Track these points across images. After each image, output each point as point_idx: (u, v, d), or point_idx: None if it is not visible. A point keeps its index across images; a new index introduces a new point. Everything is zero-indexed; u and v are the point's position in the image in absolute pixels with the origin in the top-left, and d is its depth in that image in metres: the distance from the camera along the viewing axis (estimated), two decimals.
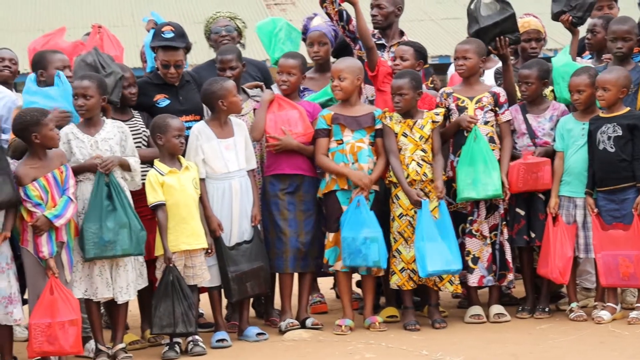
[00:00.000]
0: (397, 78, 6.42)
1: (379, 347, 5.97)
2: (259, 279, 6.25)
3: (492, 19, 6.72)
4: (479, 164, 6.34)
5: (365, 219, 6.25)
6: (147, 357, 6.01)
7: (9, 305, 5.51)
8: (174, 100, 6.49)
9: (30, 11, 17.90)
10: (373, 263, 6.24)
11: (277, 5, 18.17)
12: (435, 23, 17.50)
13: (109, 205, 5.70)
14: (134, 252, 5.77)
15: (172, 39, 6.42)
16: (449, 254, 6.23)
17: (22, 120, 5.60)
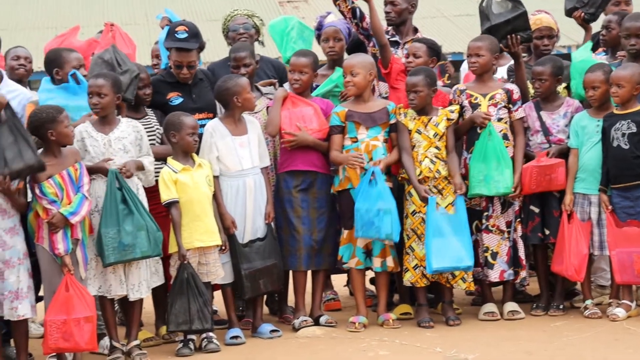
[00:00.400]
0: (412, 75, 6.41)
1: (392, 344, 5.97)
2: (272, 276, 6.26)
3: (503, 16, 6.71)
4: (492, 161, 6.33)
5: (380, 191, 6.24)
6: (161, 354, 6.03)
7: (15, 300, 5.54)
8: (186, 98, 6.50)
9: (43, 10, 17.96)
10: (385, 235, 6.23)
11: (289, 3, 18.16)
12: (448, 20, 17.46)
13: (125, 209, 5.72)
14: (153, 254, 5.79)
15: (185, 40, 6.42)
16: (461, 251, 6.22)
17: (38, 117, 5.63)
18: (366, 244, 6.41)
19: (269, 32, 7.16)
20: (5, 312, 5.53)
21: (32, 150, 5.47)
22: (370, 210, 6.21)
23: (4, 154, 5.40)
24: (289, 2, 18.21)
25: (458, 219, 6.29)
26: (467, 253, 6.24)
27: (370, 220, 6.22)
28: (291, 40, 6.94)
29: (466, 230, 6.30)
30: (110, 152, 5.87)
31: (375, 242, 6.39)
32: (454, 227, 6.26)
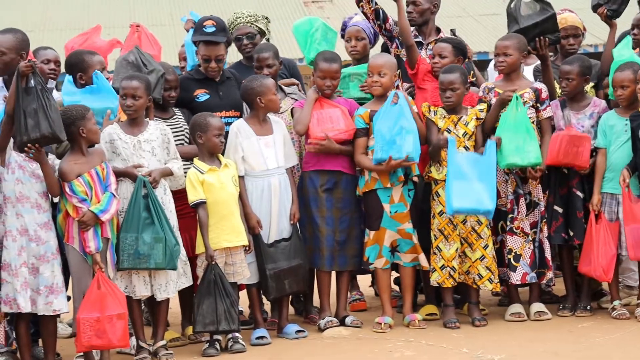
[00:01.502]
0: (447, 73, 6.36)
1: (418, 344, 5.96)
2: (297, 276, 6.26)
3: (532, 19, 6.67)
4: (522, 132, 6.28)
5: (403, 111, 6.24)
6: (187, 354, 6.04)
7: (50, 295, 5.58)
8: (213, 95, 6.53)
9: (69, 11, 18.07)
10: (406, 153, 6.20)
11: (314, 3, 18.17)
12: (473, 19, 17.41)
13: (147, 218, 5.74)
14: (167, 267, 5.81)
15: (213, 34, 6.45)
16: (483, 194, 6.15)
17: (69, 115, 5.67)
18: (392, 242, 6.39)
19: (293, 32, 7.15)
20: (40, 308, 5.56)
21: (50, 121, 5.45)
22: (392, 128, 6.20)
23: (25, 120, 5.42)
24: (313, 2, 18.22)
25: (486, 163, 6.23)
26: (489, 197, 6.17)
27: (392, 139, 6.20)
28: (315, 42, 6.94)
29: (492, 175, 6.22)
30: (139, 153, 5.90)
31: (401, 241, 6.37)
32: (479, 171, 6.19)
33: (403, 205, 6.37)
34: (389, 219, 6.37)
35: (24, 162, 5.58)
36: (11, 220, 5.54)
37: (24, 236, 5.53)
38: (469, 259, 6.38)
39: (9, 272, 5.51)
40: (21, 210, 5.54)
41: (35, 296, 5.54)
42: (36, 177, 5.61)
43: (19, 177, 5.54)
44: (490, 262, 6.35)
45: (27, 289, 5.48)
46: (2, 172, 5.56)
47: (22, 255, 5.51)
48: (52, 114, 5.47)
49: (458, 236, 6.35)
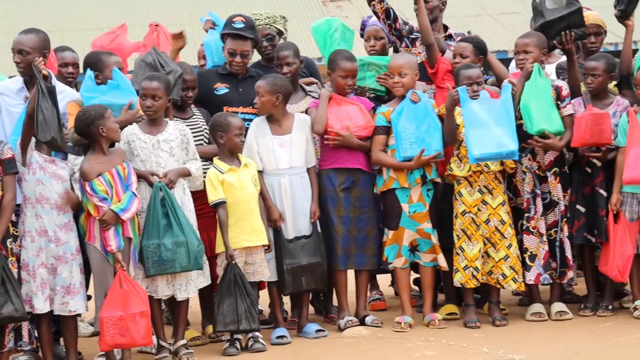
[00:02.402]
0: (470, 69, 6.34)
1: (439, 344, 5.95)
2: (315, 274, 6.25)
3: (558, 12, 6.62)
4: (546, 100, 6.28)
5: (428, 109, 6.28)
6: (208, 353, 6.05)
7: (66, 295, 5.60)
8: (233, 89, 6.56)
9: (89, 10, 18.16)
10: (435, 151, 6.23)
11: (332, 2, 18.17)
12: (492, 18, 17.35)
13: (167, 224, 5.76)
14: (192, 268, 5.83)
15: (242, 29, 6.51)
16: (503, 137, 6.14)
17: (88, 115, 5.69)
18: (411, 242, 6.38)
19: (312, 33, 7.15)
20: (55, 307, 5.59)
21: (43, 129, 5.46)
22: (420, 126, 6.22)
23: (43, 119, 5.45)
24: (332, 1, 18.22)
25: (502, 107, 6.22)
26: (510, 138, 6.16)
27: (421, 136, 6.22)
28: (334, 42, 6.93)
29: (510, 118, 6.20)
30: (157, 153, 5.91)
31: (421, 240, 6.37)
32: (496, 115, 6.18)
33: (422, 205, 6.36)
34: (408, 218, 6.36)
35: (45, 162, 5.60)
36: (30, 220, 5.57)
37: (43, 237, 5.56)
38: (492, 259, 6.35)
39: (27, 272, 5.54)
40: (40, 212, 5.57)
41: (52, 295, 5.56)
42: (57, 178, 5.63)
43: (40, 177, 5.57)
44: (514, 261, 6.32)
45: (44, 290, 5.50)
46: (24, 172, 5.59)
47: (41, 256, 5.53)
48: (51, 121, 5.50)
49: (481, 236, 6.33)
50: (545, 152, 6.43)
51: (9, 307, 5.36)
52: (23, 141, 5.56)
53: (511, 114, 6.22)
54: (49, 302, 5.52)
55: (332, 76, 6.50)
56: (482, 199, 6.33)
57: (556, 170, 6.43)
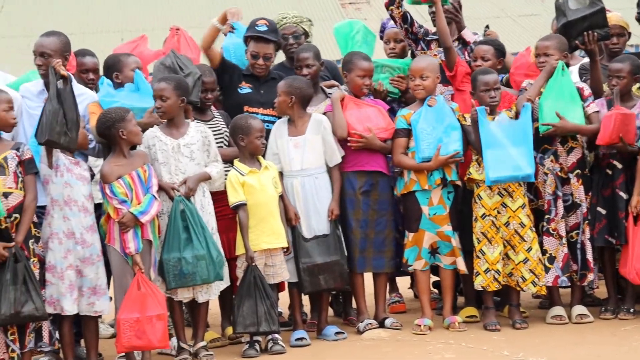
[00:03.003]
0: (489, 74, 6.34)
1: (459, 347, 5.93)
2: (334, 273, 6.22)
3: (580, 12, 6.58)
4: (568, 96, 6.27)
5: (445, 110, 6.29)
6: (227, 354, 6.06)
7: (92, 296, 5.62)
8: (255, 90, 6.58)
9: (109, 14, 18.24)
10: (454, 150, 6.23)
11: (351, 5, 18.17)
12: (512, 20, 17.31)
13: (187, 238, 5.77)
14: (213, 280, 5.85)
15: (265, 32, 6.54)
16: (520, 159, 6.14)
17: (108, 118, 5.71)
18: (431, 244, 6.37)
19: (334, 34, 7.17)
20: (82, 308, 5.60)
21: (41, 131, 5.47)
22: (437, 127, 6.22)
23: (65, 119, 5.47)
24: (351, 3, 18.22)
25: (521, 127, 6.21)
26: (527, 162, 6.16)
27: (439, 137, 6.22)
28: (356, 44, 6.94)
29: (528, 139, 6.20)
30: (177, 157, 5.92)
31: (441, 243, 6.36)
32: (514, 137, 6.18)
33: (442, 207, 6.35)
34: (428, 221, 6.35)
35: (71, 165, 5.62)
36: (58, 222, 5.58)
37: (71, 239, 5.58)
38: (511, 262, 6.33)
39: (53, 273, 5.56)
40: (68, 214, 5.58)
41: (79, 297, 5.58)
42: (83, 179, 5.65)
43: (67, 180, 5.59)
44: (534, 264, 6.29)
45: (72, 291, 5.53)
46: (50, 174, 5.60)
47: (68, 258, 5.55)
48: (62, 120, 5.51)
49: (501, 239, 6.31)
50: (569, 154, 6.40)
51: (30, 306, 5.39)
52: None
53: (529, 135, 6.21)
54: (76, 305, 5.54)
55: (349, 77, 6.50)
56: (501, 201, 6.31)
57: (578, 172, 6.41)
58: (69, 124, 5.53)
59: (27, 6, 18.52)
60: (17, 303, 5.34)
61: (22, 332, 5.48)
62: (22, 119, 5.93)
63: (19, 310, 5.35)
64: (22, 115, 5.92)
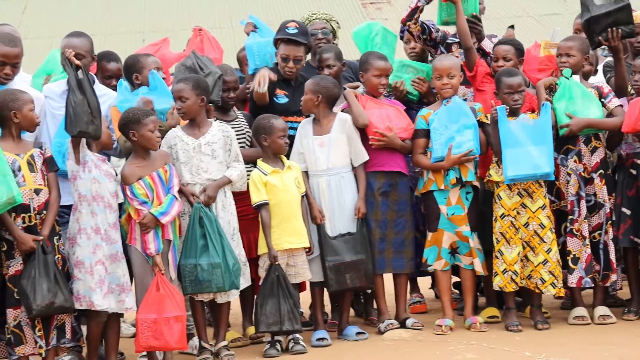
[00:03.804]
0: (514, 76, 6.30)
1: (480, 347, 5.91)
2: (360, 272, 6.20)
3: (605, 8, 6.51)
4: (578, 96, 6.27)
5: (461, 109, 6.27)
6: (249, 354, 6.07)
7: (122, 293, 5.65)
8: (291, 99, 6.54)
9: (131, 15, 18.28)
10: (467, 148, 6.21)
11: (372, 5, 18.13)
12: (534, 19, 17.24)
13: (204, 245, 5.78)
14: (228, 288, 5.87)
15: (295, 34, 6.52)
16: (540, 158, 6.12)
17: (125, 117, 5.74)
18: (451, 244, 6.36)
19: (353, 38, 7.17)
20: (113, 306, 5.60)
21: (71, 123, 5.49)
22: (450, 126, 6.22)
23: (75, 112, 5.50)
24: (371, 3, 18.18)
25: (540, 128, 6.19)
26: (546, 160, 6.14)
27: (451, 136, 6.21)
28: (376, 47, 6.93)
29: (548, 139, 6.18)
30: (199, 157, 5.94)
31: (460, 243, 6.34)
32: (533, 136, 6.16)
33: (460, 207, 6.34)
34: (446, 220, 6.35)
35: (99, 161, 5.65)
36: (86, 218, 5.59)
37: (98, 235, 5.59)
38: (531, 263, 6.31)
39: (80, 269, 5.56)
40: (95, 209, 5.59)
41: (109, 295, 5.59)
42: (110, 176, 5.67)
43: (95, 176, 5.60)
44: (553, 266, 6.27)
45: (102, 286, 5.54)
46: (78, 170, 5.61)
47: (97, 253, 5.56)
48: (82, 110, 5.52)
49: (520, 240, 6.29)
50: (592, 154, 6.37)
51: (61, 298, 5.44)
52: (74, 139, 5.58)
53: (549, 134, 6.19)
54: (107, 300, 5.55)
55: (365, 77, 6.50)
56: (521, 202, 6.29)
57: (601, 172, 6.38)
58: (93, 112, 5.54)
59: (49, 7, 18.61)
60: (50, 294, 5.40)
61: (46, 328, 5.52)
62: (46, 119, 5.97)
63: (52, 301, 5.41)
64: (45, 116, 5.96)
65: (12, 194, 5.30)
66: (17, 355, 5.50)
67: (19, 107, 5.52)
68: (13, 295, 5.46)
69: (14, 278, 5.46)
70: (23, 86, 5.93)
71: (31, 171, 5.52)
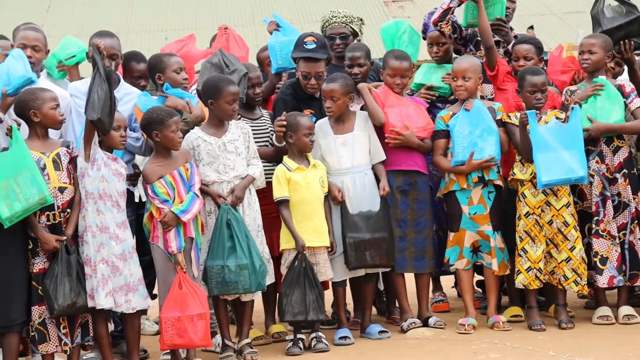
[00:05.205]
0: (537, 75, 6.30)
1: (503, 346, 5.89)
2: (381, 250, 6.14)
3: (616, 21, 6.54)
4: (604, 97, 6.24)
5: (482, 114, 6.26)
6: (271, 352, 6.08)
7: (128, 293, 5.62)
8: (320, 116, 6.44)
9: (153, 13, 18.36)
10: (488, 155, 6.19)
11: (395, 3, 18.10)
12: (557, 17, 17.16)
13: (231, 247, 5.79)
14: (255, 290, 5.88)
15: (313, 50, 6.43)
16: (572, 162, 6.08)
17: (149, 117, 5.76)
18: (472, 242, 6.34)
19: (381, 35, 7.16)
20: (122, 306, 5.62)
21: (93, 108, 5.46)
22: (473, 131, 6.20)
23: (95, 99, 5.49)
24: (394, 1, 18.15)
25: (571, 130, 6.15)
26: (579, 164, 6.10)
27: (473, 141, 6.20)
28: (403, 44, 6.93)
29: (579, 142, 6.14)
30: (225, 155, 5.95)
31: (482, 242, 6.33)
32: (565, 140, 6.12)
33: (482, 207, 6.32)
34: (468, 220, 6.33)
35: (108, 160, 5.66)
36: (92, 216, 5.59)
37: (104, 233, 5.59)
38: (554, 260, 6.28)
39: (90, 267, 5.58)
40: (102, 208, 5.59)
41: (116, 294, 5.59)
42: (118, 176, 5.68)
43: (104, 174, 5.60)
44: (576, 264, 6.24)
45: (104, 285, 5.53)
46: (86, 167, 5.61)
47: (101, 251, 5.57)
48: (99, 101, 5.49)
49: (544, 237, 6.26)
50: (615, 154, 6.34)
51: (83, 298, 5.48)
52: (86, 136, 5.59)
53: (580, 138, 6.15)
54: (111, 299, 5.55)
55: (383, 75, 6.51)
56: (546, 200, 6.27)
57: (625, 172, 6.34)
58: (112, 108, 5.55)
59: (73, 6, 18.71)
60: (72, 294, 5.43)
61: (71, 326, 5.55)
62: (71, 117, 6.00)
63: (75, 301, 5.44)
64: (71, 114, 5.99)
65: (43, 195, 5.35)
66: (40, 352, 5.53)
67: (38, 106, 5.54)
68: (37, 292, 5.49)
69: (38, 276, 5.49)
70: (48, 84, 5.96)
71: (56, 169, 5.54)
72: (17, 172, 5.34)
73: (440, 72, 6.88)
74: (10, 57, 5.78)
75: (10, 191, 5.32)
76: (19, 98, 5.60)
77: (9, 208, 5.31)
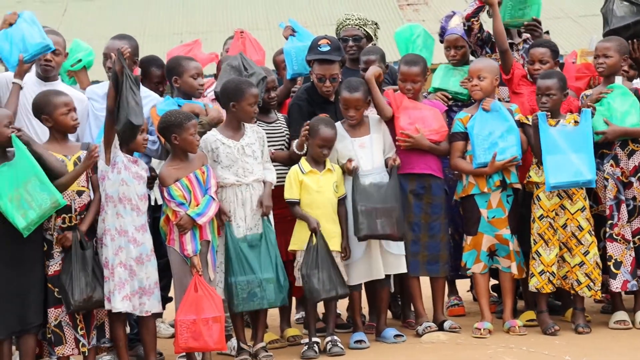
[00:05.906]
0: (545, 78, 6.29)
1: (519, 351, 5.87)
2: (392, 219, 6.08)
3: (624, 20, 6.51)
4: (619, 100, 6.22)
5: (502, 114, 6.24)
6: (286, 355, 6.08)
7: (143, 296, 5.64)
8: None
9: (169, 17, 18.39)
10: (510, 155, 6.18)
11: (409, 6, 18.08)
12: (573, 21, 17.10)
13: (257, 259, 5.83)
14: (279, 304, 5.95)
15: (328, 52, 6.42)
16: (581, 165, 6.07)
17: (167, 120, 5.77)
18: (489, 246, 6.32)
19: (395, 39, 7.15)
20: (135, 309, 5.65)
21: (136, 114, 5.49)
22: (494, 132, 6.18)
23: None
24: (409, 5, 18.13)
25: (581, 134, 6.14)
26: (587, 168, 6.08)
27: (494, 141, 6.19)
28: (417, 48, 6.92)
29: (589, 145, 6.13)
30: (244, 159, 5.96)
31: (499, 246, 6.32)
32: (574, 143, 6.11)
33: (501, 210, 6.31)
34: (487, 224, 6.32)
35: (129, 163, 5.68)
36: (111, 219, 5.62)
37: (123, 237, 5.62)
38: (567, 264, 6.27)
39: (108, 269, 5.60)
40: (121, 211, 5.62)
41: (131, 297, 5.61)
42: (139, 179, 5.70)
43: (124, 178, 5.63)
44: (590, 268, 6.22)
45: (121, 289, 5.55)
46: (107, 170, 5.64)
47: (119, 255, 5.59)
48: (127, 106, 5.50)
49: (558, 241, 6.24)
50: (630, 157, 6.32)
51: (99, 292, 5.52)
52: (106, 139, 5.61)
53: (590, 141, 6.14)
54: (127, 302, 5.57)
55: (398, 80, 6.51)
56: (560, 203, 6.25)
57: None
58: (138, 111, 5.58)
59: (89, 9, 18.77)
60: (88, 288, 5.46)
61: (87, 328, 5.58)
62: (88, 120, 6.02)
63: (91, 295, 5.47)
64: (88, 117, 6.01)
65: (55, 198, 5.38)
66: (56, 355, 5.55)
67: (49, 111, 5.58)
68: (54, 294, 5.52)
69: (54, 278, 5.52)
70: (65, 87, 5.99)
71: None
72: (25, 181, 5.37)
73: (457, 74, 6.87)
74: (22, 21, 5.73)
75: (22, 200, 5.35)
76: (35, 100, 5.63)
77: (24, 217, 5.35)
